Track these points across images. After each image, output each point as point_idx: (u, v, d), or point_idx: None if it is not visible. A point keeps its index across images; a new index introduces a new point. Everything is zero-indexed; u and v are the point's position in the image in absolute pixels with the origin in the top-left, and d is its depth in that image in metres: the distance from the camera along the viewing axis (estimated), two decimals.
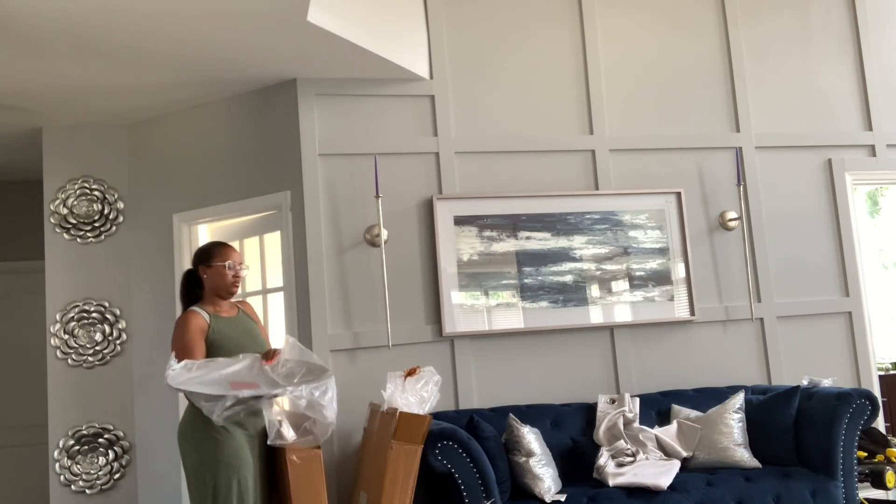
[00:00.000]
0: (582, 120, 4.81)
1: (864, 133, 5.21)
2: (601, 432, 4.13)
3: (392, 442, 3.31)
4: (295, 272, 4.36)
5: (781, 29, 5.21)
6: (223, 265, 3.40)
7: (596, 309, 4.61)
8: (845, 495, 3.91)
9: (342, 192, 4.42)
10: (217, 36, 3.84)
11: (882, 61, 5.33)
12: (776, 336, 4.85)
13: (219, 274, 3.40)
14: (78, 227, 4.90)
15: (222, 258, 3.42)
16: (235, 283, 3.43)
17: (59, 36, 3.69)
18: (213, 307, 3.41)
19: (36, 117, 4.79)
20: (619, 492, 3.73)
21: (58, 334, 4.81)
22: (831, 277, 5.01)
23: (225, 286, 3.42)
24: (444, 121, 4.60)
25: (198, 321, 3.31)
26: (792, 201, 5.03)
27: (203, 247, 3.55)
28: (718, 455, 4.05)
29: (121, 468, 4.77)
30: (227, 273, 3.40)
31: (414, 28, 4.56)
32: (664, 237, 4.77)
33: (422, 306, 4.43)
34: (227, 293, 3.44)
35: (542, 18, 4.84)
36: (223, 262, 3.40)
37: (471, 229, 4.51)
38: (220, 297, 3.43)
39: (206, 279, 3.42)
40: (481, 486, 3.50)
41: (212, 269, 3.40)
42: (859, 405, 3.97)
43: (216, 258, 3.42)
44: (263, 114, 4.57)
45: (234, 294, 3.48)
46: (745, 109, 5.04)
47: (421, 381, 3.62)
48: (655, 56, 4.98)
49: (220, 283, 3.40)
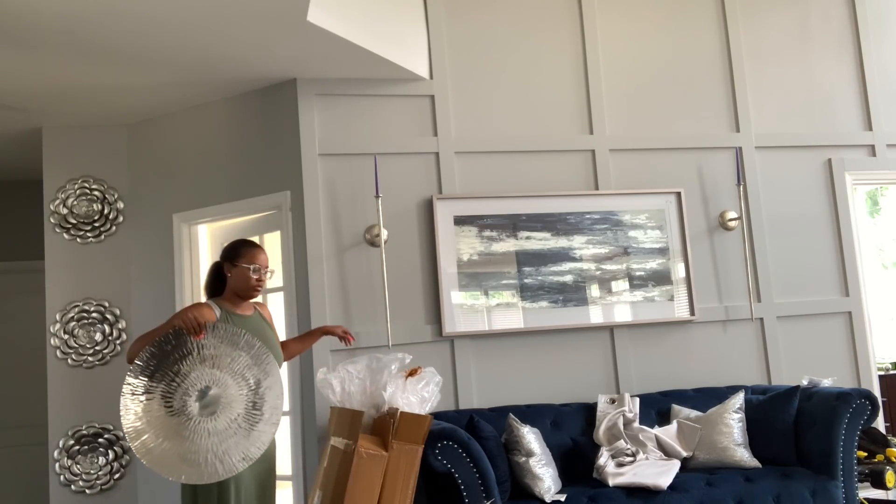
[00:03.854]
0: (582, 120, 4.81)
1: (864, 133, 5.21)
2: (601, 432, 4.13)
3: (392, 442, 3.31)
4: (295, 272, 4.36)
5: (782, 29, 5.21)
6: (248, 267, 3.30)
7: (596, 309, 4.61)
8: (845, 495, 3.91)
9: (342, 192, 4.42)
10: (217, 36, 3.84)
11: (882, 61, 5.33)
12: (776, 336, 4.85)
13: (242, 275, 3.31)
14: (78, 227, 4.90)
15: (248, 260, 3.32)
16: (258, 286, 3.34)
17: (60, 36, 3.69)
18: (230, 304, 3.33)
19: (36, 117, 4.79)
20: (619, 492, 3.73)
21: (58, 334, 4.81)
22: (831, 277, 5.02)
23: (246, 288, 3.32)
24: (444, 121, 4.60)
25: (208, 317, 3.19)
26: (792, 201, 5.03)
27: (232, 243, 3.43)
28: (718, 455, 4.05)
29: (121, 468, 4.77)
30: (250, 276, 3.30)
31: (414, 28, 4.56)
32: (664, 237, 4.77)
33: (422, 306, 4.43)
34: (247, 295, 3.35)
35: (542, 18, 4.84)
36: (249, 264, 3.31)
37: (471, 229, 4.51)
38: (239, 297, 3.34)
39: (229, 277, 3.34)
40: (481, 486, 3.50)
41: (237, 268, 3.31)
42: (859, 405, 3.97)
43: (242, 258, 3.33)
44: (263, 114, 4.57)
45: (255, 297, 3.40)
46: (745, 109, 5.04)
47: (422, 382, 3.62)
48: (655, 56, 4.98)
49: (241, 285, 3.32)
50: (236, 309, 3.32)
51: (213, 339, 3.06)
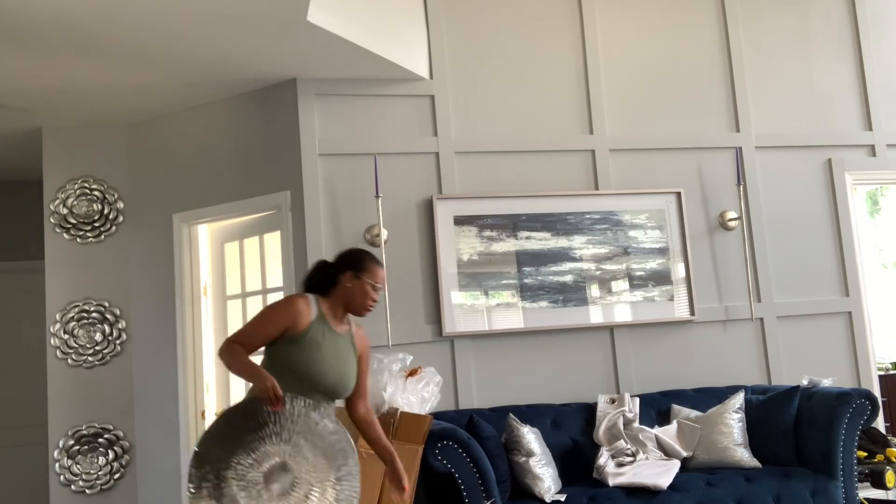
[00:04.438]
0: (582, 120, 4.81)
1: (864, 133, 5.21)
2: (601, 432, 4.13)
3: (393, 442, 3.31)
4: (295, 272, 4.36)
5: (781, 29, 5.21)
6: (371, 284, 3.03)
7: (596, 309, 4.61)
8: (845, 495, 3.91)
9: (342, 192, 4.42)
10: (217, 36, 3.84)
11: (882, 61, 5.33)
12: (776, 336, 4.85)
13: (362, 290, 3.03)
14: (78, 227, 4.90)
15: (373, 277, 3.05)
16: (372, 306, 3.07)
17: (60, 36, 3.69)
18: (330, 311, 3.01)
19: (36, 117, 4.79)
20: (618, 492, 3.73)
21: (58, 334, 4.81)
22: (831, 277, 5.01)
23: (361, 304, 3.04)
24: (444, 121, 4.60)
25: (300, 309, 2.90)
26: (792, 201, 5.03)
27: (356, 252, 3.14)
28: (718, 455, 4.05)
29: (121, 468, 4.77)
30: (370, 293, 3.04)
31: (414, 28, 4.56)
32: (664, 237, 4.77)
33: (422, 306, 4.43)
34: (357, 311, 3.06)
35: (542, 18, 4.84)
36: (373, 280, 3.04)
37: (471, 229, 4.51)
38: (347, 309, 3.06)
39: (344, 286, 3.02)
40: (481, 486, 3.50)
41: (359, 281, 3.02)
42: (859, 405, 3.97)
43: (367, 273, 3.04)
44: (263, 114, 4.57)
45: (364, 316, 3.10)
46: (745, 109, 5.04)
47: (422, 382, 3.62)
48: (655, 56, 4.98)
49: (356, 299, 3.03)
50: (333, 319, 3.01)
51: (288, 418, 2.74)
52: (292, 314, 2.88)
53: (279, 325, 2.86)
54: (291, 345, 2.86)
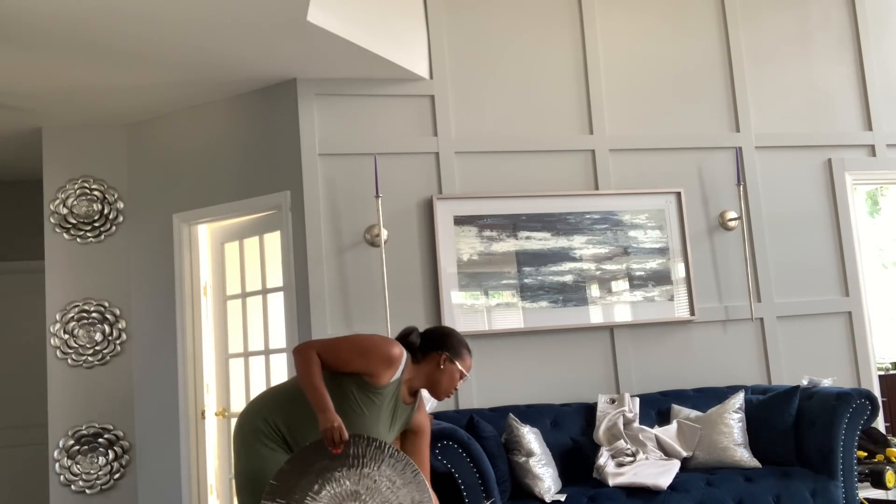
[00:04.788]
0: (582, 120, 4.81)
1: (864, 133, 5.21)
2: (601, 432, 4.13)
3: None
4: (295, 272, 4.36)
5: (781, 29, 5.21)
6: (461, 371, 2.98)
7: (596, 309, 4.61)
8: (845, 495, 3.91)
9: (342, 192, 4.42)
10: (217, 36, 3.84)
11: (882, 61, 5.33)
12: (776, 336, 4.85)
13: (450, 376, 2.97)
14: (78, 227, 4.90)
15: (465, 365, 3.00)
16: (452, 393, 3.01)
17: (60, 36, 3.69)
18: (409, 381, 2.94)
19: (36, 117, 4.80)
20: (618, 492, 3.73)
21: (58, 334, 4.81)
22: (831, 277, 5.02)
23: (443, 389, 2.98)
24: (444, 121, 4.60)
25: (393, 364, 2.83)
26: (792, 201, 5.03)
27: (456, 337, 3.03)
28: (718, 455, 4.05)
29: (121, 468, 4.77)
30: (457, 380, 2.98)
31: (414, 28, 4.56)
32: (664, 237, 4.77)
33: (422, 306, 4.43)
34: (437, 394, 2.99)
35: (542, 18, 4.84)
36: (464, 369, 2.99)
37: (471, 229, 4.51)
38: (427, 387, 2.98)
39: (435, 366, 2.96)
40: (481, 486, 3.50)
41: (452, 365, 2.96)
42: (859, 405, 3.97)
43: (461, 360, 2.98)
44: (263, 114, 4.57)
45: (441, 400, 3.03)
46: (745, 109, 5.04)
47: None
48: (655, 56, 4.98)
49: (442, 382, 2.97)
50: (408, 391, 2.96)
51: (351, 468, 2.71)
52: (384, 365, 2.83)
53: (366, 366, 2.81)
54: (359, 389, 2.82)
